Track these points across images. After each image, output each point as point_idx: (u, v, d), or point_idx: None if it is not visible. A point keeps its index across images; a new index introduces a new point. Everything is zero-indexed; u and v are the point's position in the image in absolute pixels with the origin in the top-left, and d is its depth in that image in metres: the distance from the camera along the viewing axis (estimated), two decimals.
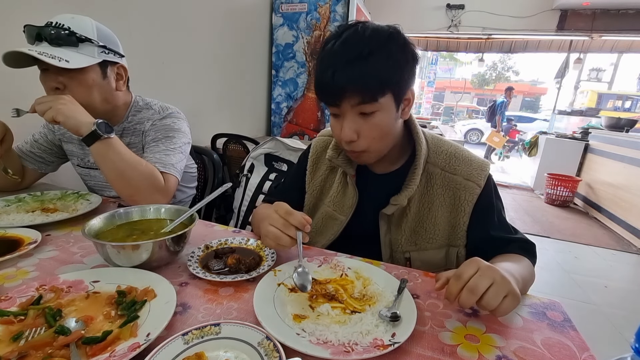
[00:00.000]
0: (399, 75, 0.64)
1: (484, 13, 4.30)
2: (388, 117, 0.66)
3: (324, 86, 0.65)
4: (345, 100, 0.64)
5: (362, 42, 0.62)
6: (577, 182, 4.16)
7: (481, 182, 0.74)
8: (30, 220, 0.79)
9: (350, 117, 0.66)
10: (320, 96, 0.67)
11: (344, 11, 2.85)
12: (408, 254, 0.77)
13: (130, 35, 1.68)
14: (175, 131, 1.00)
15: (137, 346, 0.41)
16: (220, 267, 0.64)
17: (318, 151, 0.88)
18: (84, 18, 0.87)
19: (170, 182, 0.91)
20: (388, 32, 0.63)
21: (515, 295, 0.50)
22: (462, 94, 22.23)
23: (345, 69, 0.61)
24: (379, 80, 0.62)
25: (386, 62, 0.62)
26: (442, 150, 0.78)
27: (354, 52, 0.61)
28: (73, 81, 0.86)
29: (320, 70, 0.65)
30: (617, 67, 13.26)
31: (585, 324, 1.87)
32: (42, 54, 0.79)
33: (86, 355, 0.41)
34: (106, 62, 0.91)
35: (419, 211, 0.76)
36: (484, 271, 0.50)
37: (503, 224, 0.76)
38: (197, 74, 2.28)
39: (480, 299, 0.49)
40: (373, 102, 0.63)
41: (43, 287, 0.54)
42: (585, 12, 4.18)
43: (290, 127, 3.29)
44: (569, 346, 0.49)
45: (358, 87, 0.62)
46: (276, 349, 0.42)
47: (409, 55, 0.65)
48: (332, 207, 0.84)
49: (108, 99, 0.95)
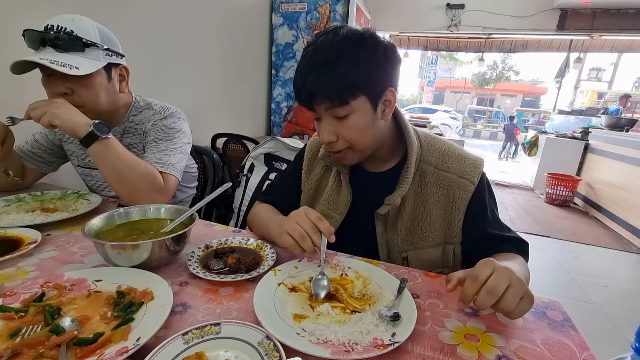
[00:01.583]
0: (369, 78, 0.65)
1: (484, 13, 4.30)
2: (364, 119, 0.67)
3: (298, 91, 0.68)
4: (316, 104, 0.67)
5: (330, 49, 0.63)
6: (577, 182, 4.16)
7: (475, 179, 0.74)
8: (30, 220, 0.79)
9: (326, 120, 0.68)
10: (298, 100, 0.70)
11: (344, 11, 2.85)
12: (405, 253, 0.78)
13: (130, 35, 1.68)
14: (176, 131, 1.00)
15: (125, 350, 0.41)
16: (220, 267, 0.64)
17: (313, 151, 0.89)
18: (83, 19, 0.86)
19: (170, 182, 0.91)
20: (358, 36, 0.64)
21: (530, 297, 0.50)
22: (462, 93, 22.24)
23: (313, 74, 0.64)
24: (346, 84, 0.63)
25: (352, 66, 0.62)
26: (435, 148, 0.78)
27: (322, 58, 0.63)
28: (80, 86, 0.86)
29: (295, 74, 0.68)
30: (617, 66, 13.26)
31: (585, 324, 1.87)
32: (53, 63, 0.79)
33: (75, 356, 0.41)
34: (110, 64, 0.91)
35: (413, 210, 0.76)
36: (501, 272, 0.50)
37: (497, 221, 0.77)
38: (197, 74, 2.28)
39: (497, 302, 0.48)
40: (344, 105, 0.65)
41: (47, 284, 0.54)
42: (585, 11, 4.18)
43: (290, 127, 3.29)
44: (569, 346, 0.49)
45: (326, 91, 0.64)
46: (276, 349, 0.42)
47: (380, 56, 0.65)
48: (326, 206, 0.84)
49: (113, 101, 0.95)
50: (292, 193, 0.91)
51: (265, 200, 0.93)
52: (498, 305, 0.49)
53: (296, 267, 0.65)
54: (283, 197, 0.92)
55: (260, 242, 0.74)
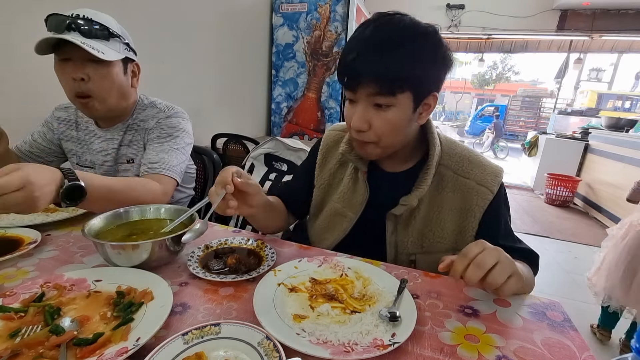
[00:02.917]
0: (423, 76, 0.61)
1: (484, 13, 4.30)
2: (403, 116, 0.64)
3: (344, 68, 0.63)
4: (361, 87, 0.62)
5: (393, 32, 0.59)
6: (577, 182, 4.16)
7: (494, 188, 0.72)
8: (30, 220, 0.79)
9: (363, 106, 0.64)
10: (339, 77, 0.65)
11: (344, 11, 2.85)
12: (414, 257, 0.76)
13: (131, 35, 1.68)
14: (180, 131, 1.00)
15: (125, 351, 0.41)
16: (220, 267, 0.64)
17: (329, 144, 0.87)
18: (104, 15, 0.88)
19: (169, 184, 0.91)
20: (423, 29, 0.61)
21: (519, 277, 0.52)
22: (462, 94, 22.22)
23: (368, 55, 0.59)
24: (400, 75, 0.59)
25: (410, 58, 0.59)
26: (456, 153, 0.76)
27: (382, 40, 0.59)
28: (98, 73, 0.87)
29: (345, 51, 0.63)
30: (617, 67, 13.26)
31: (585, 324, 1.87)
32: (84, 44, 0.79)
33: (75, 357, 0.41)
34: (127, 58, 0.94)
35: (427, 213, 0.75)
36: (490, 250, 0.53)
37: (509, 233, 0.75)
38: (197, 74, 2.28)
39: (485, 277, 0.50)
40: (390, 96, 0.61)
41: (47, 284, 0.54)
42: (585, 12, 4.18)
43: (290, 127, 3.29)
44: (569, 346, 0.49)
45: (378, 76, 0.60)
46: (276, 349, 0.42)
47: (440, 57, 0.62)
48: (341, 204, 0.81)
49: (124, 95, 0.96)
50: (300, 187, 0.90)
51: (275, 193, 0.91)
52: (486, 279, 0.51)
53: (296, 268, 0.65)
54: (291, 190, 0.91)
55: (260, 242, 0.74)
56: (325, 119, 3.15)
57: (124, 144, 1.03)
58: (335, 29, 2.91)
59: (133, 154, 1.03)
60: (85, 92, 0.87)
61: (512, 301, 0.60)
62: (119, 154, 1.02)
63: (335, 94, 3.07)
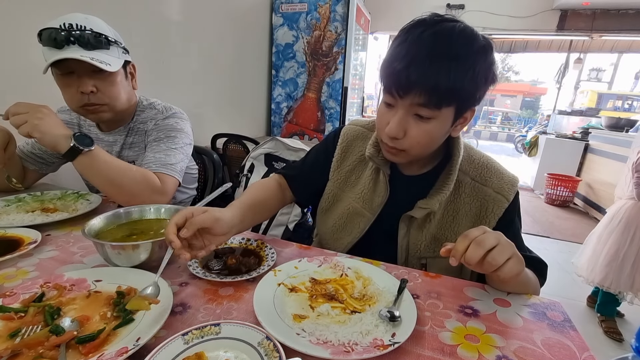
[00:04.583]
0: (471, 91, 0.59)
1: (484, 13, 4.30)
2: (441, 128, 0.62)
3: (394, 73, 0.58)
4: (408, 96, 0.58)
5: (454, 43, 0.56)
6: (577, 182, 4.16)
7: (510, 197, 0.71)
8: (30, 220, 0.79)
9: (403, 114, 0.61)
10: (385, 80, 0.61)
11: (344, 11, 2.85)
12: (425, 260, 0.75)
13: (130, 35, 1.68)
14: (177, 131, 1.00)
15: (125, 351, 0.41)
16: (220, 267, 0.64)
17: (349, 139, 0.84)
18: (95, 18, 0.87)
19: (169, 183, 0.90)
20: (482, 43, 0.58)
21: (519, 260, 0.53)
22: None
23: (424, 65, 0.55)
24: (451, 89, 0.56)
25: (468, 73, 0.56)
26: (474, 159, 0.75)
27: (441, 50, 0.55)
28: (105, 84, 0.87)
29: (394, 53, 0.59)
30: (617, 67, 13.24)
31: (585, 324, 1.87)
32: (93, 59, 0.79)
33: (80, 353, 0.42)
34: (125, 61, 0.93)
35: (442, 218, 0.74)
36: (491, 233, 0.54)
37: (519, 242, 0.74)
38: (197, 74, 2.29)
39: (485, 256, 0.51)
40: (435, 109, 0.58)
41: (47, 284, 0.54)
42: (585, 12, 4.18)
43: (290, 127, 3.29)
44: (569, 346, 0.49)
45: (430, 88, 0.56)
46: (276, 349, 0.42)
47: (491, 75, 0.60)
48: (360, 204, 0.79)
49: (129, 98, 0.97)
50: (312, 175, 0.87)
51: (284, 174, 0.88)
52: (486, 259, 0.51)
53: (296, 268, 0.65)
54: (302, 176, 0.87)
55: (260, 243, 0.74)
56: (325, 119, 3.16)
57: (126, 147, 1.03)
58: (335, 29, 2.91)
59: (134, 156, 1.03)
60: (95, 102, 0.86)
61: (512, 301, 0.60)
62: (120, 156, 1.03)
63: (335, 94, 3.07)
